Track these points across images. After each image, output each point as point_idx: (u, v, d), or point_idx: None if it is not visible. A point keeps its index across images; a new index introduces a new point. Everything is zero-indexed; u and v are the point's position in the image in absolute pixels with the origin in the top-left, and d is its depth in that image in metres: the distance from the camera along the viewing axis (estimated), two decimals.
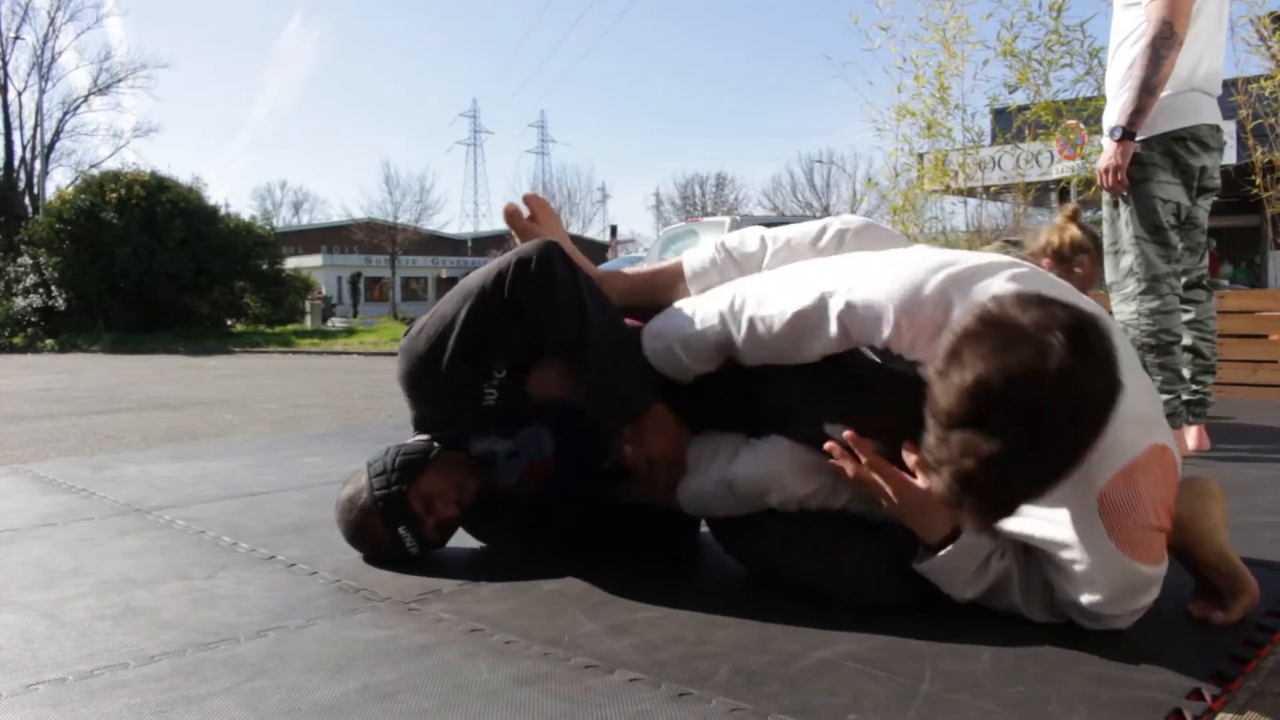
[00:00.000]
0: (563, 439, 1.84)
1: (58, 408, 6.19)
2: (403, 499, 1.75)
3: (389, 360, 12.77)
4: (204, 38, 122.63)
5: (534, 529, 1.93)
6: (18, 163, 30.70)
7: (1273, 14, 6.99)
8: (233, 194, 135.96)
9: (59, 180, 36.79)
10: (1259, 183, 6.83)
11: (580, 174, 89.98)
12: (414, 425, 1.83)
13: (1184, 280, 3.15)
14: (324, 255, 43.45)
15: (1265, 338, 4.78)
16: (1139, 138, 2.94)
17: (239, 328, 21.53)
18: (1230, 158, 7.41)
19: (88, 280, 19.72)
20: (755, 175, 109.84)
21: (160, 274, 19.87)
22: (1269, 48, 6.94)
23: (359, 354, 14.03)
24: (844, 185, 37.22)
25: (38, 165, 29.49)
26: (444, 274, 43.36)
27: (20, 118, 31.53)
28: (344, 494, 1.83)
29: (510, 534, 1.95)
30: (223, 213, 22.42)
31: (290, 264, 26.31)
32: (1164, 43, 2.80)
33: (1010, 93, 8.04)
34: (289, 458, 3.27)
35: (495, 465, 1.85)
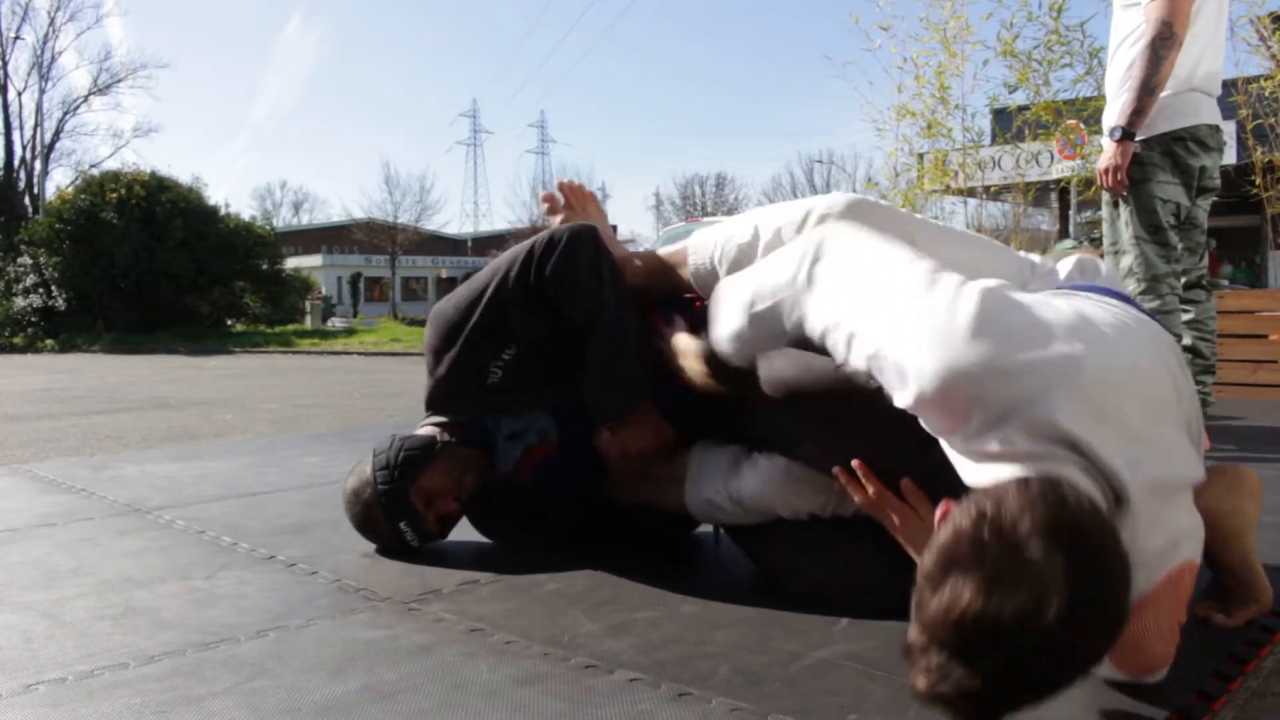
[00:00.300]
0: (565, 430, 1.85)
1: (58, 408, 6.19)
2: (404, 495, 1.78)
3: (389, 360, 12.78)
4: (204, 38, 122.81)
5: (531, 520, 1.94)
6: (18, 163, 30.74)
7: (1273, 14, 6.99)
8: (233, 194, 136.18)
9: (59, 180, 36.83)
10: (1259, 183, 6.82)
11: (580, 174, 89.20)
12: (425, 402, 1.85)
13: (1184, 280, 3.15)
14: (324, 255, 43.45)
15: (1265, 338, 4.78)
16: (1139, 138, 2.95)
17: (239, 328, 21.53)
18: (1230, 158, 7.40)
19: (88, 280, 19.72)
20: (755, 175, 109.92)
21: (160, 274, 19.87)
22: (1269, 48, 6.94)
23: (359, 354, 14.03)
24: (844, 185, 37.23)
25: (38, 165, 29.55)
26: (444, 274, 43.35)
27: (20, 118, 31.58)
28: (349, 485, 1.86)
29: (509, 524, 1.96)
30: (223, 213, 22.43)
31: (290, 264, 26.32)
32: (1163, 43, 2.80)
33: (1010, 93, 8.04)
34: (289, 458, 3.27)
35: (494, 449, 1.87)
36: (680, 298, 1.72)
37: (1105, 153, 3.01)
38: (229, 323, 22.04)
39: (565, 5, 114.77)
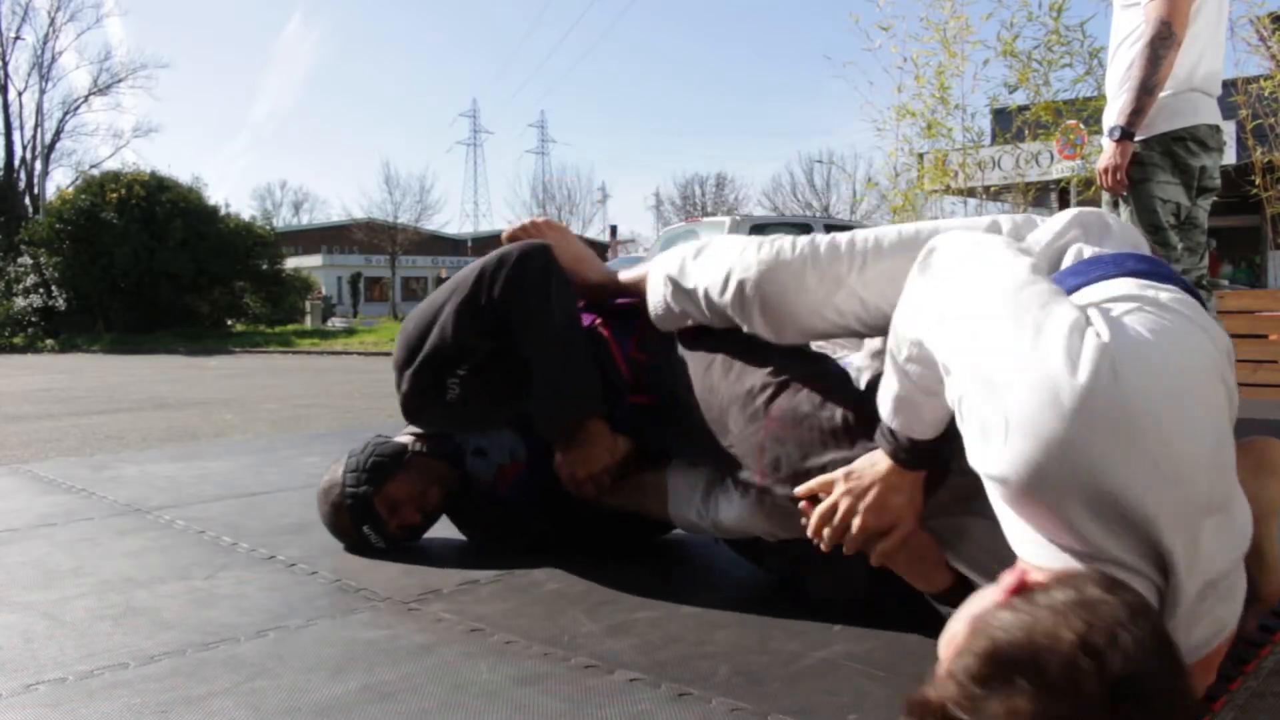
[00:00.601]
0: (533, 446, 1.87)
1: (58, 408, 6.19)
2: (369, 501, 1.82)
3: (389, 360, 12.75)
4: (204, 38, 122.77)
5: (513, 529, 1.95)
6: (18, 163, 30.71)
7: (1273, 14, 6.99)
8: (233, 194, 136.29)
9: (59, 180, 36.83)
10: (1259, 183, 6.83)
11: (580, 174, 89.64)
12: (402, 412, 1.88)
13: None
14: (324, 255, 43.46)
15: (1265, 338, 4.77)
16: (1138, 138, 2.95)
17: (239, 328, 21.53)
18: (1230, 158, 7.41)
19: (88, 280, 19.72)
20: (755, 175, 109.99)
21: (160, 274, 19.87)
22: (1269, 48, 6.94)
23: (359, 354, 14.02)
24: (844, 185, 37.24)
25: (38, 165, 29.52)
26: (444, 274, 43.23)
27: (20, 118, 31.56)
28: (322, 483, 1.91)
29: (492, 532, 1.98)
30: (223, 213, 22.42)
31: (290, 264, 26.33)
32: (1162, 43, 2.80)
33: (1010, 93, 8.06)
34: (289, 458, 3.27)
35: (465, 464, 1.90)
36: (632, 314, 1.74)
37: (1105, 153, 3.01)
38: (229, 323, 22.04)
39: (565, 5, 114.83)
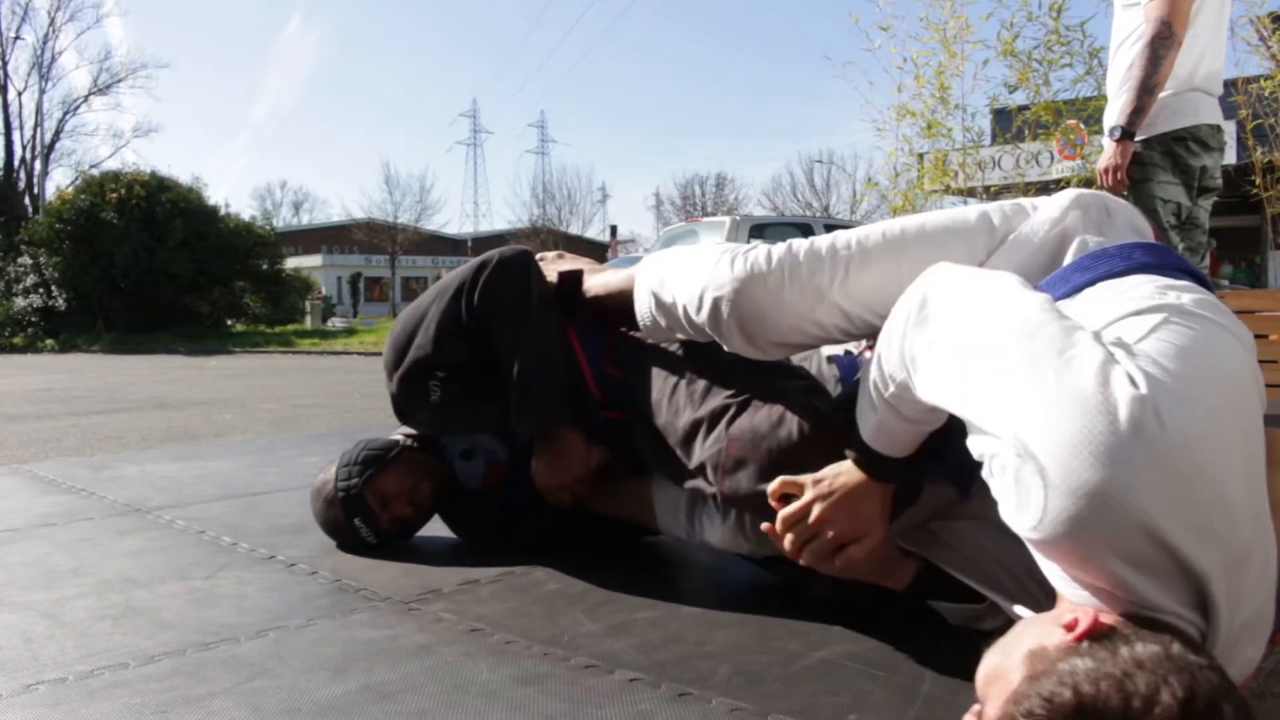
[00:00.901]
0: (514, 447, 1.90)
1: (58, 408, 6.19)
2: (360, 494, 1.86)
3: None
4: (204, 38, 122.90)
5: (508, 529, 1.96)
6: (18, 163, 30.74)
7: (1273, 14, 7.00)
8: (233, 194, 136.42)
9: (59, 180, 36.75)
10: (1259, 183, 6.83)
11: (580, 174, 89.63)
12: (395, 413, 1.90)
13: None
14: (324, 255, 43.45)
15: (1265, 338, 4.77)
16: (1139, 138, 2.95)
17: (239, 328, 21.52)
18: (1230, 158, 7.41)
19: (88, 280, 19.71)
20: (755, 175, 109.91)
21: (160, 274, 19.86)
22: (1269, 48, 6.94)
23: (359, 354, 14.02)
24: (844, 185, 37.22)
25: (38, 165, 29.51)
26: (443, 274, 43.22)
27: (20, 118, 31.59)
28: (316, 482, 1.95)
29: (488, 532, 1.99)
30: (223, 213, 22.41)
31: (290, 264, 26.32)
32: (1162, 43, 2.80)
33: (1010, 93, 8.05)
34: (289, 458, 3.27)
35: (453, 464, 1.94)
36: (600, 322, 1.74)
37: (1105, 152, 3.01)
38: (229, 323, 22.03)
39: (565, 5, 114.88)
